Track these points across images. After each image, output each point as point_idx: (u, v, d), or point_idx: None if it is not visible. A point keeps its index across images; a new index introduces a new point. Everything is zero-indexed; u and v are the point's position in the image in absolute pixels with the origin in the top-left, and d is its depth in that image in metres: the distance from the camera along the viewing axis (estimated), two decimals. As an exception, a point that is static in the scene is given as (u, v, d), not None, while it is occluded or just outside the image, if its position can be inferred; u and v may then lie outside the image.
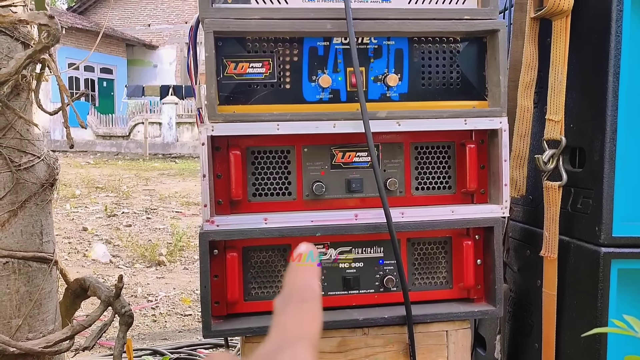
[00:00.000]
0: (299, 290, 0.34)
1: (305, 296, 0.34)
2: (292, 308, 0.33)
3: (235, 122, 1.19)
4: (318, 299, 0.34)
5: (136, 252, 4.06)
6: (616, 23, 1.23)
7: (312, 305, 0.33)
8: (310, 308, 0.33)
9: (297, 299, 0.34)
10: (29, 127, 1.50)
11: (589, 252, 1.31)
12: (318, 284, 0.36)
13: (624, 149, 1.27)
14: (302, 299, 0.34)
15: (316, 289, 0.35)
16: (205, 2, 1.18)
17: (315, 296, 0.34)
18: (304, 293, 0.34)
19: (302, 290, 0.34)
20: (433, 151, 1.32)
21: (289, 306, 0.33)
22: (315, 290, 0.35)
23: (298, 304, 0.33)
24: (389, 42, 1.27)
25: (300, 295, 0.34)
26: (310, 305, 0.33)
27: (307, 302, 0.33)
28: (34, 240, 1.50)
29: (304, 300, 0.33)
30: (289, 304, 0.33)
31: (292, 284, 0.35)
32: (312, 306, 0.33)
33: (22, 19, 1.32)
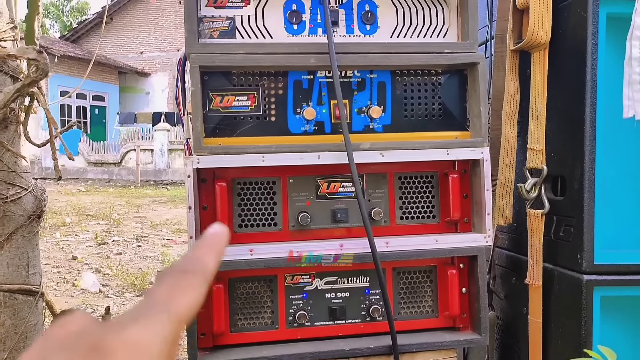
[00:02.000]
0: (185, 262, 0.32)
1: (189, 267, 0.31)
2: (171, 277, 0.30)
3: (221, 155, 1.20)
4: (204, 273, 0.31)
5: (126, 281, 4.03)
6: (591, 56, 1.27)
7: (193, 277, 0.31)
8: (190, 280, 0.30)
9: (180, 269, 0.31)
10: (16, 159, 1.51)
11: (572, 280, 1.33)
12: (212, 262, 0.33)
13: (603, 178, 1.30)
14: (186, 269, 0.31)
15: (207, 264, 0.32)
16: (192, 37, 1.20)
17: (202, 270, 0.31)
18: (189, 264, 0.32)
19: (189, 262, 0.32)
20: (417, 181, 1.34)
21: (169, 275, 0.31)
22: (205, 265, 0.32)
23: (179, 273, 0.31)
24: (372, 75, 1.30)
25: (184, 266, 0.31)
26: (190, 277, 0.30)
27: (189, 273, 0.31)
28: (20, 272, 1.49)
29: (187, 272, 0.31)
30: (170, 273, 0.31)
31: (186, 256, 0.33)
32: (192, 278, 0.30)
33: (11, 53, 1.34)
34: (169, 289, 0.29)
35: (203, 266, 0.32)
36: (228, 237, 0.36)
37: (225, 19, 1.25)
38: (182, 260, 0.32)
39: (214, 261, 0.33)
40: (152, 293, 0.29)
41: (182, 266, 0.31)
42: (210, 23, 1.24)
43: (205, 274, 0.32)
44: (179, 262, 0.32)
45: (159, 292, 0.29)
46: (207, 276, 0.32)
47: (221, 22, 1.25)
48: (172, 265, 0.31)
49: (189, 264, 0.32)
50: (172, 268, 0.31)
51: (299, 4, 1.27)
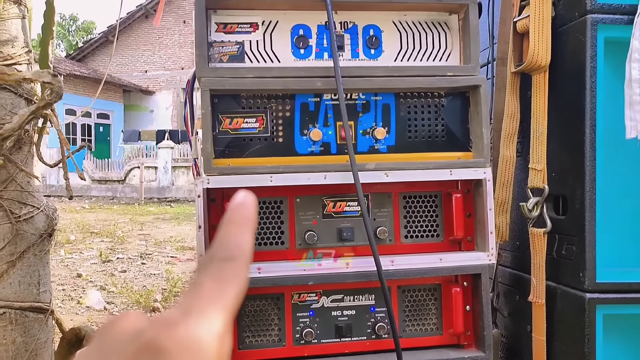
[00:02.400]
0: (224, 247, 0.31)
1: (230, 254, 0.30)
2: (213, 267, 0.30)
3: (230, 175, 1.24)
4: (244, 258, 0.31)
5: (131, 298, 4.05)
6: (590, 79, 1.30)
7: (236, 264, 0.30)
8: (233, 268, 0.30)
9: (220, 257, 0.30)
10: (29, 179, 1.55)
11: (574, 298, 1.35)
12: (248, 241, 0.32)
13: (604, 197, 1.33)
14: (226, 257, 0.30)
15: (245, 246, 0.31)
16: (202, 62, 1.25)
17: (242, 254, 0.30)
18: (230, 250, 0.30)
19: (228, 248, 0.31)
20: (421, 200, 1.37)
21: (210, 265, 0.30)
22: (243, 248, 0.31)
23: (220, 263, 0.30)
24: (376, 97, 1.34)
25: (225, 252, 0.30)
26: (233, 264, 0.30)
27: (230, 261, 0.30)
28: (31, 290, 1.52)
29: (228, 259, 0.30)
30: (212, 262, 0.30)
31: (220, 240, 0.31)
32: (235, 266, 0.30)
33: (26, 77, 1.38)
34: (213, 281, 0.29)
35: (241, 249, 0.31)
36: (256, 202, 0.34)
37: (235, 44, 1.29)
38: (218, 245, 0.31)
39: (250, 239, 0.32)
40: (198, 285, 0.29)
41: (221, 253, 0.30)
42: (220, 48, 1.29)
43: (245, 257, 0.31)
44: (216, 248, 0.31)
45: (204, 285, 0.29)
46: (247, 260, 0.31)
47: (231, 47, 1.29)
48: (211, 253, 0.31)
49: (227, 249, 0.31)
50: (212, 257, 0.30)
51: (305, 30, 1.32)
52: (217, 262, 0.30)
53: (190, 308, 0.27)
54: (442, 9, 1.36)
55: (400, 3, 1.32)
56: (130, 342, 0.26)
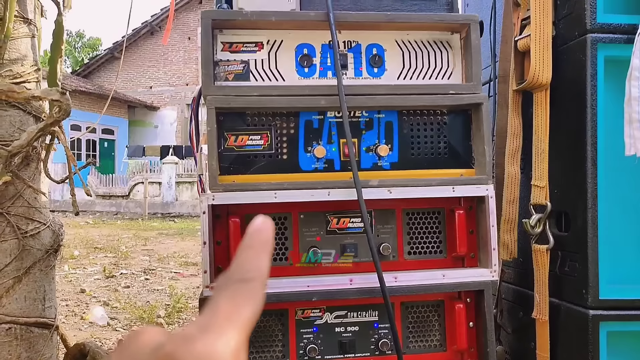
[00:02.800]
0: (242, 269, 0.32)
1: (247, 276, 0.31)
2: (231, 288, 0.31)
3: (235, 192, 1.25)
4: (261, 279, 0.32)
5: (134, 314, 4.04)
6: (591, 97, 1.32)
7: (252, 286, 0.31)
8: (250, 289, 0.31)
9: (237, 279, 0.31)
10: (36, 195, 1.56)
11: (578, 315, 1.35)
12: (265, 264, 0.33)
13: (606, 214, 1.33)
14: (243, 279, 0.31)
15: (262, 268, 0.32)
16: (208, 80, 1.27)
17: (258, 276, 0.32)
18: (247, 272, 0.32)
19: (246, 270, 0.32)
20: (424, 217, 1.38)
21: (227, 286, 0.31)
22: (260, 270, 0.32)
23: (237, 284, 0.31)
24: (379, 115, 1.35)
25: (242, 274, 0.31)
26: (250, 286, 0.31)
27: (247, 282, 0.31)
28: (36, 305, 1.53)
29: (245, 281, 0.31)
30: (230, 284, 0.31)
31: (238, 262, 0.33)
32: (252, 287, 0.31)
33: (35, 95, 1.41)
34: (230, 301, 0.30)
35: (258, 271, 0.32)
36: (273, 227, 0.36)
37: (240, 63, 1.31)
38: (236, 267, 0.33)
39: (267, 261, 0.33)
40: (215, 304, 0.30)
41: (238, 275, 0.32)
42: (225, 66, 1.31)
43: (262, 279, 0.32)
44: (234, 270, 0.32)
45: (221, 304, 0.30)
46: (264, 281, 0.32)
47: (236, 66, 1.31)
48: (229, 274, 0.32)
49: (245, 271, 0.32)
50: (230, 277, 0.32)
51: (309, 49, 1.34)
52: (234, 283, 0.31)
53: (207, 325, 0.28)
54: (444, 29, 1.38)
55: (402, 23, 1.34)
56: (149, 356, 0.27)
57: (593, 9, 1.33)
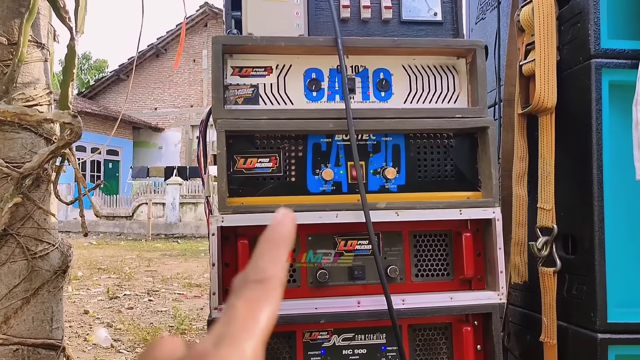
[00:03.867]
0: (258, 268, 0.31)
1: (263, 275, 0.30)
2: (248, 289, 0.29)
3: (244, 214, 1.26)
4: (277, 279, 0.30)
5: (138, 336, 4.02)
6: (596, 121, 1.33)
7: (268, 286, 0.30)
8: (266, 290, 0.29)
9: (254, 279, 0.30)
10: (46, 216, 1.58)
11: (586, 338, 1.35)
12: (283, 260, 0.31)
13: (613, 237, 1.34)
14: (259, 278, 0.30)
15: (279, 265, 0.31)
16: (218, 104, 1.29)
17: (275, 275, 0.30)
18: (263, 271, 0.30)
19: (262, 268, 0.31)
20: (431, 239, 1.39)
21: (245, 287, 0.30)
22: (277, 267, 0.31)
23: (254, 284, 0.30)
24: (386, 138, 1.37)
25: (258, 274, 0.30)
26: (267, 286, 0.30)
27: (264, 282, 0.30)
28: (44, 327, 1.53)
29: (262, 281, 0.30)
30: (246, 284, 0.30)
31: (254, 260, 0.31)
32: (268, 288, 0.30)
33: (48, 117, 1.43)
34: (248, 304, 0.29)
35: (276, 269, 0.31)
36: (295, 220, 0.34)
37: (250, 87, 1.34)
38: (253, 266, 0.31)
39: (285, 258, 0.32)
40: (231, 309, 0.29)
41: (255, 274, 0.31)
42: (235, 90, 1.33)
43: (279, 278, 0.31)
44: (250, 269, 0.31)
45: (237, 309, 0.29)
46: (281, 280, 0.31)
47: (245, 90, 1.33)
48: (246, 273, 0.31)
49: (262, 269, 0.31)
50: (246, 277, 0.31)
51: (318, 73, 1.36)
52: (250, 284, 0.30)
53: (222, 336, 0.28)
54: (450, 54, 1.40)
55: (409, 48, 1.36)
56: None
57: (597, 35, 1.35)
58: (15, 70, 1.46)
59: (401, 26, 1.51)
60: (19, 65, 1.47)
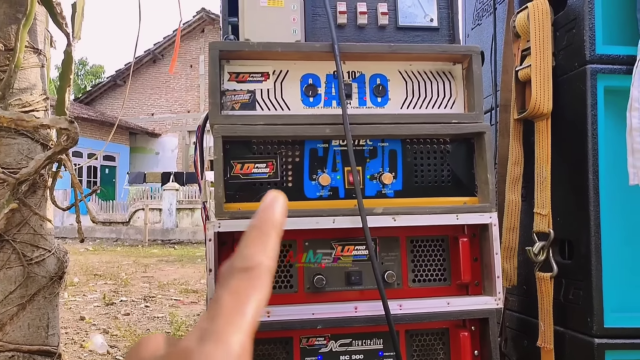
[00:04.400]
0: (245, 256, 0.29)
1: (250, 264, 0.28)
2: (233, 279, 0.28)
3: (240, 219, 1.26)
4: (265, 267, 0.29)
5: (134, 342, 4.01)
6: (592, 126, 1.34)
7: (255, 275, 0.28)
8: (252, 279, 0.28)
9: (240, 267, 0.28)
10: (42, 222, 1.57)
11: (583, 343, 1.35)
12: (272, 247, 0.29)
13: (609, 242, 1.34)
14: (246, 267, 0.28)
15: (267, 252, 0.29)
16: (215, 109, 1.29)
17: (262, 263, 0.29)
18: (250, 259, 0.28)
19: (249, 256, 0.29)
20: (428, 244, 1.39)
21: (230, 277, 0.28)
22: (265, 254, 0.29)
23: (240, 273, 0.28)
24: (383, 143, 1.37)
25: (245, 262, 0.28)
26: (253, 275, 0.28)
27: (251, 271, 0.28)
28: (40, 333, 1.52)
29: (248, 269, 0.28)
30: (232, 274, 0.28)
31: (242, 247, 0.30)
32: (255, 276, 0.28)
33: (44, 123, 1.43)
34: (232, 295, 0.28)
35: (264, 256, 0.29)
36: (286, 204, 0.32)
37: (246, 92, 1.34)
38: (240, 254, 0.29)
39: (274, 245, 0.30)
40: (217, 302, 0.28)
41: (241, 263, 0.29)
42: (232, 96, 1.33)
43: (267, 265, 0.29)
44: (237, 257, 0.29)
45: (223, 301, 0.27)
46: (269, 268, 0.29)
47: (242, 95, 1.34)
48: (233, 261, 0.29)
49: (249, 257, 0.29)
50: (233, 266, 0.29)
51: (314, 79, 1.37)
52: (236, 273, 0.29)
53: (207, 331, 0.26)
54: (447, 59, 1.41)
55: (405, 53, 1.37)
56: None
57: (592, 41, 1.36)
58: (11, 76, 1.45)
59: (397, 32, 1.52)
60: (15, 70, 1.47)
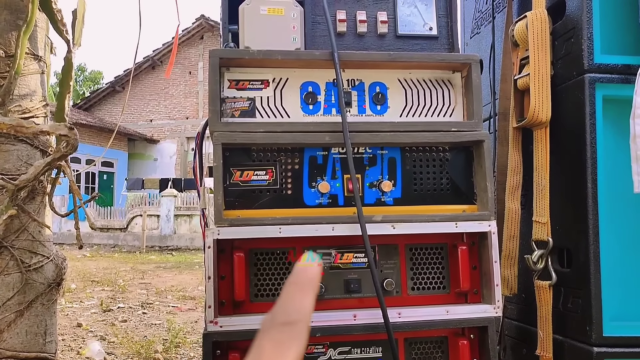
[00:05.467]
0: (286, 311, 0.31)
1: (290, 318, 0.31)
2: (274, 331, 0.30)
3: (240, 226, 1.26)
4: (304, 321, 0.31)
5: (131, 349, 3.98)
6: (590, 135, 1.35)
7: (296, 328, 0.30)
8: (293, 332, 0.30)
9: (281, 321, 0.31)
10: (41, 228, 1.57)
11: (582, 352, 1.34)
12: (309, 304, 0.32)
13: (608, 251, 1.34)
14: (287, 321, 0.31)
15: (305, 309, 0.31)
16: (215, 116, 1.29)
17: (302, 318, 0.31)
18: (291, 314, 0.31)
19: (289, 311, 0.31)
20: (427, 252, 1.39)
21: (272, 329, 0.30)
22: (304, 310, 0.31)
23: (282, 326, 0.31)
24: (382, 151, 1.38)
25: (286, 316, 0.31)
26: (293, 328, 0.30)
27: (291, 325, 0.31)
28: (37, 340, 1.52)
29: (289, 323, 0.31)
30: (274, 326, 0.31)
31: (282, 302, 0.32)
32: (295, 330, 0.30)
33: (44, 130, 1.43)
34: (273, 345, 0.30)
35: (302, 313, 0.32)
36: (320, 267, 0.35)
37: (246, 100, 1.34)
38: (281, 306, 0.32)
39: (311, 302, 0.32)
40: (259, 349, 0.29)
41: (282, 317, 0.31)
42: (232, 103, 1.33)
43: (306, 321, 0.31)
44: (278, 311, 0.32)
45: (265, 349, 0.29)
46: (307, 323, 0.31)
47: (242, 103, 1.34)
48: (273, 316, 0.31)
49: (289, 312, 0.31)
50: (273, 320, 0.31)
51: (314, 86, 1.37)
52: (278, 326, 0.31)
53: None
54: (446, 68, 1.41)
55: (405, 62, 1.38)
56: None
57: (590, 50, 1.36)
58: (11, 82, 1.46)
59: (397, 40, 1.53)
60: (15, 77, 1.47)
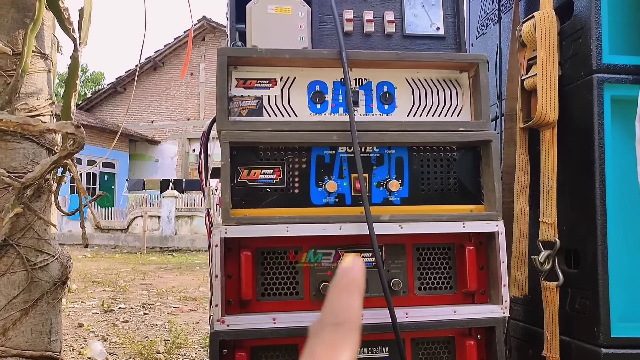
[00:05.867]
0: (334, 312, 0.31)
1: (340, 319, 0.30)
2: (326, 333, 0.30)
3: (247, 225, 1.26)
4: (354, 322, 0.30)
5: (133, 349, 3.98)
6: (598, 135, 1.34)
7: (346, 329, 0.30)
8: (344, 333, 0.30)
9: (331, 323, 0.30)
10: (46, 227, 1.57)
11: (589, 353, 1.34)
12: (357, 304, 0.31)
13: (616, 251, 1.34)
14: (337, 322, 0.30)
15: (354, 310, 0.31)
16: (223, 115, 1.29)
17: (352, 319, 0.30)
18: (340, 316, 0.31)
19: (338, 313, 0.31)
20: (434, 252, 1.39)
21: (322, 331, 0.30)
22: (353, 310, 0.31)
23: (332, 327, 0.30)
24: (390, 150, 1.37)
25: (335, 318, 0.31)
26: (344, 329, 0.30)
27: (341, 325, 0.30)
28: (42, 339, 1.51)
29: (339, 324, 0.30)
30: (323, 328, 0.30)
31: (329, 304, 0.32)
32: (346, 331, 0.30)
33: (51, 128, 1.43)
34: (326, 347, 0.29)
35: (352, 312, 0.31)
36: (364, 267, 0.34)
37: (254, 99, 1.34)
38: (328, 309, 0.31)
39: (359, 303, 0.31)
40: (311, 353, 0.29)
41: (331, 319, 0.31)
42: (239, 102, 1.33)
43: (356, 322, 0.31)
44: (326, 314, 0.31)
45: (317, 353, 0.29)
46: (358, 324, 0.30)
47: (250, 102, 1.34)
48: (322, 319, 0.31)
49: (337, 313, 0.31)
50: (323, 322, 0.31)
51: (322, 85, 1.37)
52: (328, 328, 0.30)
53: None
54: (453, 67, 1.41)
55: (413, 61, 1.37)
56: None
57: (598, 50, 1.36)
58: (18, 81, 1.45)
59: (404, 40, 1.53)
60: (22, 75, 1.47)
